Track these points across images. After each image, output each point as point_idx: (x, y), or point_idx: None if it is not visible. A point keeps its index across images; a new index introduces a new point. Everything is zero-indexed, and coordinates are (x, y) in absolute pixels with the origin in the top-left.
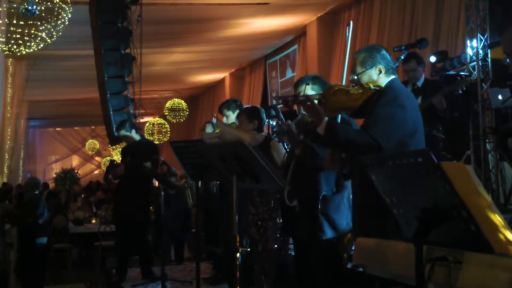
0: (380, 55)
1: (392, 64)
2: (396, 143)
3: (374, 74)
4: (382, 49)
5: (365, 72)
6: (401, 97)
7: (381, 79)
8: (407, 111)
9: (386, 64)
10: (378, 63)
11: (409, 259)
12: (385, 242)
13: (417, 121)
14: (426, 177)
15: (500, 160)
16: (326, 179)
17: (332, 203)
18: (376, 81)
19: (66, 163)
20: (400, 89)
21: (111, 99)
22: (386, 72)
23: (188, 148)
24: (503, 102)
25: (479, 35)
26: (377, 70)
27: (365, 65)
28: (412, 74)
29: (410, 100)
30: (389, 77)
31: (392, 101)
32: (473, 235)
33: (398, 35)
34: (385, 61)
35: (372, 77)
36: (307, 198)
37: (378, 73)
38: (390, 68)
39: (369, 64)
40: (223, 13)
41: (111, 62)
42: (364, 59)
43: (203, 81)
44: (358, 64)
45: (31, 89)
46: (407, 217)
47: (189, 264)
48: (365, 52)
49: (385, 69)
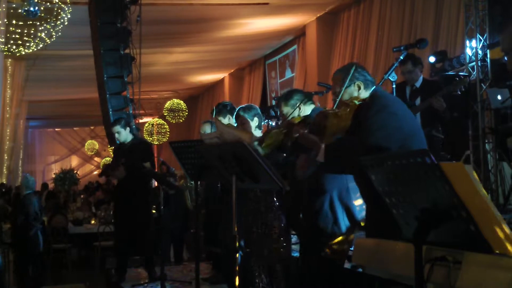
0: (357, 72)
1: (370, 78)
2: (393, 148)
3: (354, 91)
4: (358, 66)
5: (345, 91)
6: (390, 104)
7: (362, 94)
8: (399, 117)
9: (364, 79)
10: (356, 79)
11: (409, 259)
12: (384, 242)
13: (413, 125)
14: (425, 177)
15: (499, 160)
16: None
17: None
18: (358, 97)
19: (65, 164)
20: (386, 96)
21: (111, 100)
22: (366, 87)
23: (188, 149)
24: (502, 102)
25: (478, 35)
26: (356, 86)
27: (343, 84)
28: (409, 76)
29: (399, 105)
30: (369, 91)
31: (382, 109)
32: (472, 235)
33: (398, 35)
34: (363, 77)
35: (353, 94)
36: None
37: (358, 89)
38: (370, 83)
39: (347, 82)
40: (222, 13)
41: (110, 62)
42: (342, 78)
43: (203, 81)
44: (337, 83)
45: (30, 89)
46: (407, 217)
47: (188, 264)
48: (340, 72)
49: (364, 84)
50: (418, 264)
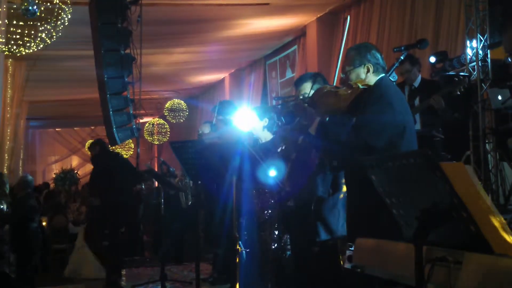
0: (370, 54)
1: (382, 63)
2: (387, 143)
3: (362, 72)
4: (372, 48)
5: (353, 70)
6: (387, 94)
7: (369, 77)
8: (394, 109)
9: (375, 62)
10: (367, 62)
11: (409, 259)
12: (384, 243)
13: (405, 118)
14: (426, 177)
15: (500, 161)
16: (323, 180)
17: (326, 205)
18: (364, 79)
19: (66, 164)
20: (388, 86)
21: (111, 100)
22: (375, 71)
23: (188, 149)
24: (503, 103)
25: (478, 35)
26: (365, 68)
27: (354, 63)
28: (407, 76)
29: (398, 97)
30: (378, 76)
31: (378, 99)
32: (473, 235)
33: (398, 35)
34: (374, 60)
35: (360, 76)
36: (303, 199)
37: (366, 71)
38: (380, 67)
39: (357, 62)
40: (222, 13)
41: (111, 62)
42: (353, 57)
43: (203, 82)
44: (347, 61)
45: (31, 89)
46: (407, 217)
47: (188, 264)
48: (354, 50)
49: (374, 67)
50: (419, 265)
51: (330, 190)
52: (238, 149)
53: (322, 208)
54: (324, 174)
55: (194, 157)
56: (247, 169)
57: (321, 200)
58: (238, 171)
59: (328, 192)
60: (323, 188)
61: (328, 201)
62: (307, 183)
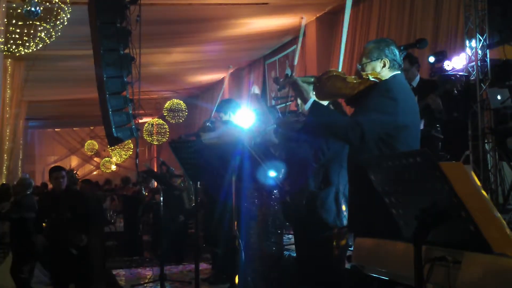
0: (388, 49)
1: (399, 60)
2: (381, 133)
3: (378, 66)
4: (392, 44)
5: (370, 63)
6: (395, 90)
7: (384, 72)
8: (398, 104)
9: (392, 58)
10: (384, 56)
11: (408, 259)
12: (384, 242)
13: (409, 117)
14: (425, 177)
15: (499, 160)
16: (314, 175)
17: (318, 199)
18: (378, 73)
19: (65, 164)
20: (399, 83)
21: (110, 100)
22: (391, 67)
23: (187, 149)
24: (502, 102)
25: (478, 35)
26: (382, 62)
27: (371, 56)
28: (406, 75)
29: (406, 95)
30: (392, 72)
31: (384, 92)
32: (472, 235)
33: (397, 35)
34: (392, 56)
35: (376, 69)
36: (295, 193)
37: (382, 66)
38: (396, 64)
39: (375, 55)
40: (222, 13)
41: (110, 62)
42: (371, 50)
43: (202, 81)
44: (365, 54)
45: (30, 89)
46: (406, 217)
47: (188, 265)
48: (373, 43)
49: (390, 63)
50: (418, 264)
51: (322, 185)
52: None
53: (314, 202)
54: (315, 168)
55: (193, 156)
56: (246, 169)
57: (313, 194)
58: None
59: (320, 186)
60: (315, 183)
61: (320, 195)
62: (300, 179)
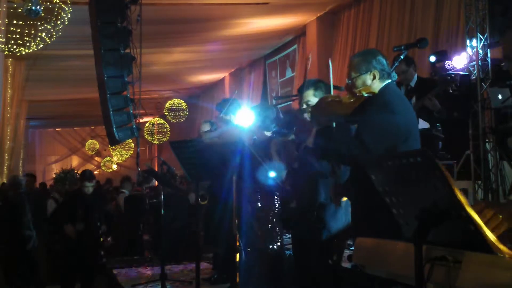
0: (376, 60)
1: (388, 69)
2: (386, 145)
3: (368, 79)
4: (378, 54)
5: (359, 77)
6: (392, 102)
7: (375, 84)
8: (398, 116)
9: (381, 69)
10: (373, 68)
11: (409, 259)
12: (384, 242)
13: (410, 125)
14: (425, 177)
15: (500, 160)
16: (325, 186)
17: (328, 210)
18: (370, 86)
19: (65, 163)
20: (393, 93)
21: (111, 99)
22: (381, 78)
23: (188, 148)
24: (503, 102)
25: (478, 34)
26: (371, 75)
27: (359, 70)
28: (403, 76)
29: (402, 104)
30: (383, 82)
31: (382, 107)
32: (472, 235)
33: (398, 35)
34: (380, 66)
35: (366, 82)
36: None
37: (372, 78)
38: (386, 73)
39: (363, 69)
40: (222, 13)
41: (110, 62)
42: (359, 64)
43: (203, 81)
44: (353, 68)
45: (30, 89)
46: (407, 217)
47: (189, 264)
48: (360, 56)
49: (380, 74)
50: (418, 264)
51: None
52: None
53: (325, 213)
54: (325, 180)
55: (193, 156)
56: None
57: (323, 205)
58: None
59: (330, 197)
60: (325, 194)
61: (331, 206)
62: (309, 189)
